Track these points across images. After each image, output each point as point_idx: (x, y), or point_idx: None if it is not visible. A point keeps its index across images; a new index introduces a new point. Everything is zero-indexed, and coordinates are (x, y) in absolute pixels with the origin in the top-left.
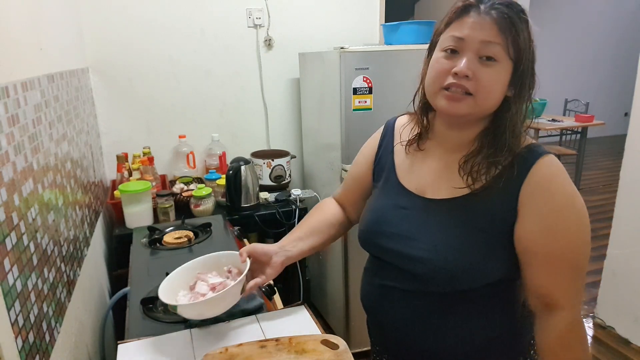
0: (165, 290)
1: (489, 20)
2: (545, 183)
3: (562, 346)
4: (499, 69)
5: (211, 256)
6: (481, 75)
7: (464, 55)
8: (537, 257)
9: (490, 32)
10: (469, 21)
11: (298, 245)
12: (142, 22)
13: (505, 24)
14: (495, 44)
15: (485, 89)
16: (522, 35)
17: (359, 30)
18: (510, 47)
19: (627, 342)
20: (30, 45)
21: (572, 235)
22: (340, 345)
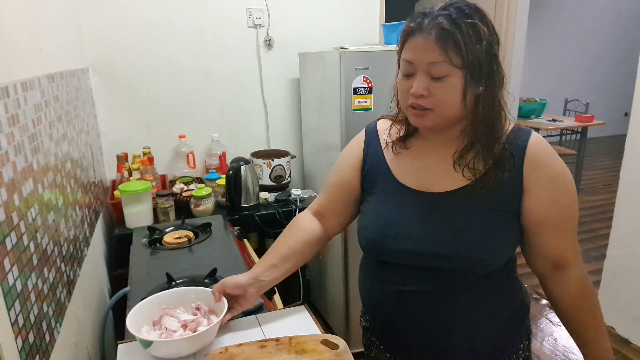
0: (131, 324)
1: (430, 40)
2: (542, 158)
3: (582, 296)
4: (450, 81)
5: (178, 290)
6: (435, 92)
7: (417, 77)
8: (547, 225)
9: (433, 53)
10: (416, 43)
11: (272, 274)
12: (142, 22)
13: (444, 38)
14: (440, 63)
15: (442, 102)
16: (463, 42)
17: (359, 30)
18: (454, 59)
19: (627, 342)
20: (30, 45)
21: (571, 201)
22: (340, 345)
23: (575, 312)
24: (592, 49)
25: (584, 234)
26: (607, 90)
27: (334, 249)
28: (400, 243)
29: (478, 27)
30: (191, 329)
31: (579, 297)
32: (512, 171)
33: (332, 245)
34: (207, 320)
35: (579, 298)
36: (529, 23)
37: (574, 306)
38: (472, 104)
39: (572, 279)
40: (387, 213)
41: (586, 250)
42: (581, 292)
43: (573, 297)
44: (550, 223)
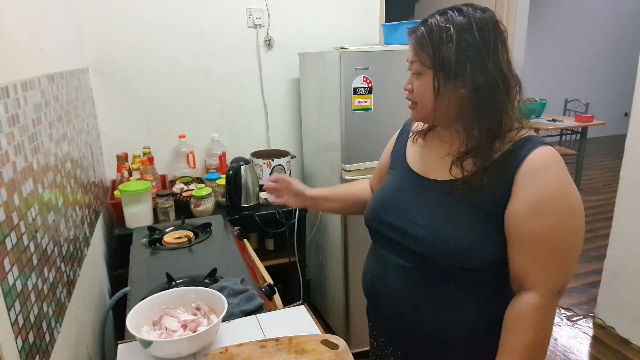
0: (131, 324)
1: (411, 42)
2: (538, 168)
3: (520, 326)
4: (423, 80)
5: (178, 290)
6: (415, 88)
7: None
8: (519, 236)
9: (412, 54)
10: (409, 46)
11: (322, 204)
12: (142, 22)
13: (418, 41)
14: (415, 62)
15: (419, 97)
16: (431, 43)
17: (359, 30)
18: (423, 59)
19: (627, 342)
20: (30, 45)
21: (558, 222)
22: (340, 345)
23: (506, 335)
24: (592, 49)
25: (584, 234)
26: (607, 90)
27: (334, 249)
28: (389, 216)
29: (450, 31)
30: (191, 329)
31: (517, 325)
32: (501, 180)
33: (332, 245)
34: (207, 320)
35: (516, 326)
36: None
37: (506, 332)
38: (457, 104)
39: (522, 303)
40: (389, 189)
41: (586, 250)
42: (522, 322)
43: (511, 322)
44: (523, 238)
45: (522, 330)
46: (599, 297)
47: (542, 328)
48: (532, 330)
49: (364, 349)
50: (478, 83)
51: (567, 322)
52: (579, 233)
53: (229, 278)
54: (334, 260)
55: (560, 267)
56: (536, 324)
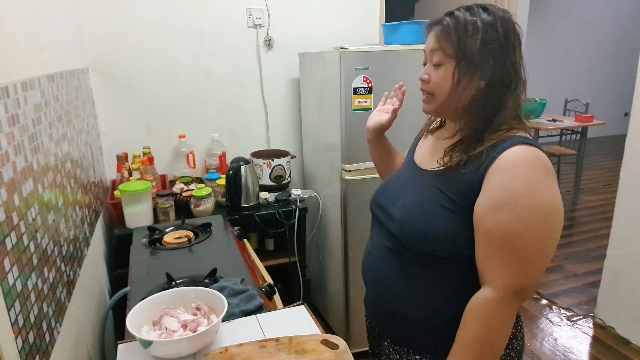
0: (131, 324)
1: (434, 32)
2: (507, 166)
3: (471, 318)
4: (444, 69)
5: (178, 290)
6: (433, 77)
7: (426, 64)
8: (479, 230)
9: (433, 42)
10: (428, 37)
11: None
12: (142, 22)
13: (442, 30)
14: (436, 50)
15: (437, 86)
16: (456, 33)
17: (359, 30)
18: (446, 48)
19: (627, 342)
20: (30, 45)
21: (517, 220)
22: (340, 345)
23: (460, 325)
24: (592, 49)
25: (584, 234)
26: (607, 90)
27: (334, 249)
28: (381, 199)
29: (476, 24)
30: (191, 329)
31: (469, 317)
32: (474, 175)
33: (332, 245)
34: (207, 320)
35: (468, 318)
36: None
37: (461, 324)
38: (469, 97)
39: (477, 296)
40: (390, 177)
41: (586, 250)
42: (473, 313)
43: (465, 314)
44: (482, 232)
45: (471, 321)
46: (599, 297)
47: (492, 324)
48: (480, 323)
49: (364, 349)
50: (494, 78)
51: (567, 322)
52: (546, 236)
53: (229, 278)
54: (334, 260)
55: (516, 267)
56: (485, 318)
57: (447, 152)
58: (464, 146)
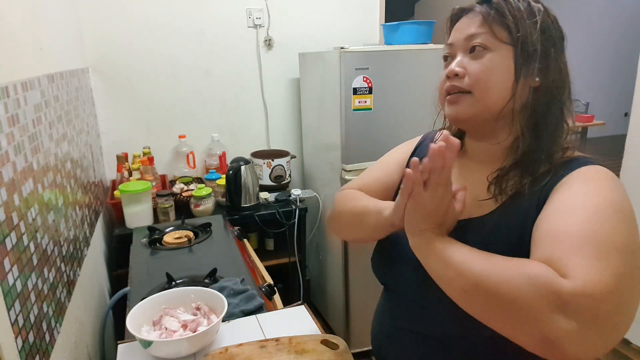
0: (131, 324)
1: (472, 16)
2: (578, 178)
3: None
4: (492, 57)
5: (178, 290)
6: (472, 69)
7: (455, 58)
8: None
9: (473, 25)
10: (457, 26)
11: None
12: (142, 22)
13: (488, 11)
14: (480, 34)
15: (481, 81)
16: (510, 13)
17: (359, 30)
18: (497, 31)
19: (627, 342)
20: (30, 45)
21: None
22: (340, 345)
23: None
24: (592, 49)
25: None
26: (607, 90)
27: (334, 249)
28: (399, 266)
29: (531, 5)
30: (191, 329)
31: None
32: (534, 192)
33: (332, 245)
34: (207, 320)
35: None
36: None
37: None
38: (523, 98)
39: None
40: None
41: None
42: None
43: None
44: (544, 238)
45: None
46: None
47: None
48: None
49: (364, 349)
50: (553, 76)
51: None
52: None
53: (229, 278)
54: (334, 260)
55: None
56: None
57: (496, 182)
58: (519, 171)
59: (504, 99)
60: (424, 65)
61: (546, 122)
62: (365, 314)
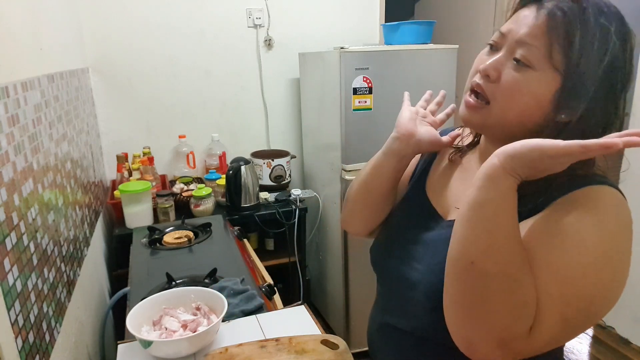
0: (131, 324)
1: (540, 16)
2: (580, 200)
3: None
4: (531, 77)
5: (178, 290)
6: (505, 79)
7: (499, 53)
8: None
9: (533, 31)
10: (522, 15)
11: None
12: (142, 22)
13: (557, 24)
14: (532, 47)
15: (504, 96)
16: (580, 40)
17: (359, 30)
18: (554, 54)
19: (627, 342)
20: (30, 45)
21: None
22: (340, 345)
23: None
24: None
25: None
26: None
27: (334, 249)
28: (391, 261)
29: (609, 36)
30: (191, 329)
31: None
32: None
33: (332, 245)
34: (207, 320)
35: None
36: None
37: None
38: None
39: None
40: (397, 225)
41: None
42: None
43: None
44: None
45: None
46: None
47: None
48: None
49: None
50: (596, 120)
51: None
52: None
53: (229, 278)
54: (334, 260)
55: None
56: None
57: None
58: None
59: (522, 124)
60: (424, 65)
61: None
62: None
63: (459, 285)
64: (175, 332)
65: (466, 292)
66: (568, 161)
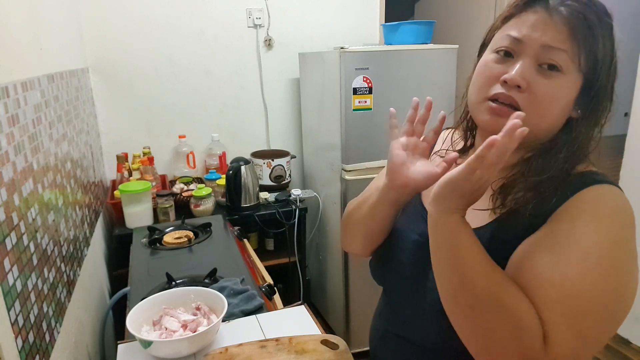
0: (131, 324)
1: (557, 20)
2: (583, 207)
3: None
4: (562, 82)
5: (178, 290)
6: (537, 88)
7: (520, 60)
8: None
9: (556, 35)
10: (532, 18)
11: None
12: (142, 22)
13: (579, 25)
14: (561, 51)
15: (540, 106)
16: (600, 42)
17: (359, 30)
18: (581, 57)
19: (627, 342)
20: (30, 45)
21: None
22: (340, 345)
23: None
24: None
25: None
26: None
27: (334, 249)
28: (392, 274)
29: (612, 32)
30: (191, 329)
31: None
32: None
33: (332, 245)
34: (207, 320)
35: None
36: None
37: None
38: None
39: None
40: (396, 234)
41: None
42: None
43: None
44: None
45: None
46: None
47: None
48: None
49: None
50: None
51: None
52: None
53: (229, 278)
54: (334, 260)
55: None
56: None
57: (499, 193)
58: (526, 184)
59: (550, 128)
60: (424, 65)
61: (575, 147)
62: (365, 314)
63: (457, 321)
64: (175, 332)
65: (465, 327)
66: (487, 173)
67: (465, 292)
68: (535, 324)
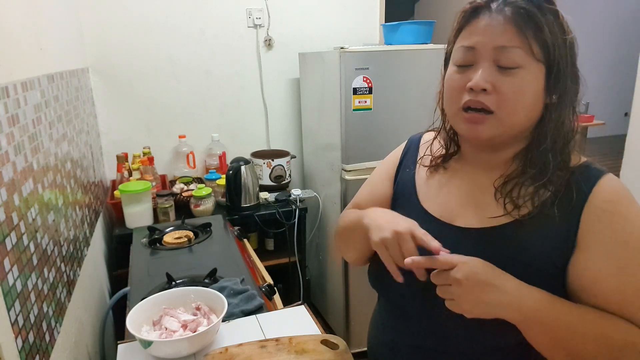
0: (131, 324)
1: (502, 20)
2: (611, 208)
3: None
4: (524, 76)
5: (178, 290)
6: (502, 87)
7: (480, 66)
8: (606, 300)
9: (505, 35)
10: (480, 25)
11: None
12: (142, 22)
13: (522, 20)
14: (513, 48)
15: (509, 103)
16: (547, 28)
17: (359, 30)
18: (533, 47)
19: None
20: (30, 45)
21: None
22: (340, 345)
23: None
24: (592, 49)
25: None
26: (607, 90)
27: (334, 249)
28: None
29: (561, 17)
30: (191, 329)
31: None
32: (566, 210)
33: (332, 245)
34: (207, 320)
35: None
36: None
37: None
38: (537, 116)
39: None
40: None
41: None
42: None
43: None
44: (611, 298)
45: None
46: None
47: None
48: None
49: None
50: (572, 90)
51: None
52: None
53: (229, 278)
54: (334, 260)
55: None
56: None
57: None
58: (530, 179)
59: (528, 120)
60: (424, 65)
61: (560, 130)
62: (365, 314)
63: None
64: (175, 332)
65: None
66: (456, 284)
67: (575, 345)
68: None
